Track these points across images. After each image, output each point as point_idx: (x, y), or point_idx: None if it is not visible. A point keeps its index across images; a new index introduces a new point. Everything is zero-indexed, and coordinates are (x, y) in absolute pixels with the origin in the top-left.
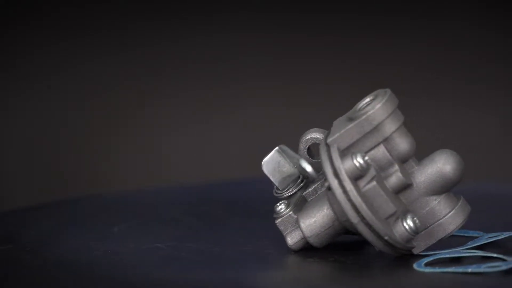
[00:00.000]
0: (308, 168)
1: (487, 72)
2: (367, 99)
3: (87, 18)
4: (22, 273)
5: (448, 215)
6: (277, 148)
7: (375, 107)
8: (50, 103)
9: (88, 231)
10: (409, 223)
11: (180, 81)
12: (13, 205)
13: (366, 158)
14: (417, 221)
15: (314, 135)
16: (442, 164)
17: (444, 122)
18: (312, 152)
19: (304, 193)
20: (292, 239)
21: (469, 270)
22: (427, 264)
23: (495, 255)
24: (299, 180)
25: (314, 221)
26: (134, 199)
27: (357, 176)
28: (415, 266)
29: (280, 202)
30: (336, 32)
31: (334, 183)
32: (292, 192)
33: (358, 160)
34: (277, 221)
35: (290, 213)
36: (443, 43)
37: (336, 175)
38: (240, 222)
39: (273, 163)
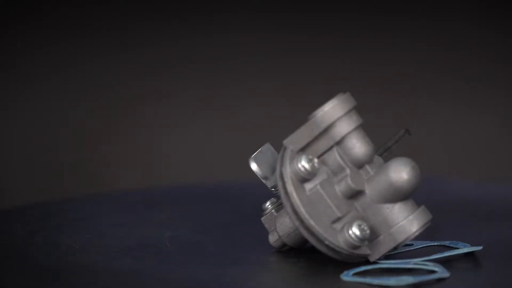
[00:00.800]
0: (253, 167)
1: (487, 72)
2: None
3: (87, 18)
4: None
5: (399, 225)
6: (267, 143)
7: (323, 110)
8: (50, 103)
9: (88, 230)
10: (354, 230)
11: (180, 81)
12: (13, 204)
13: (315, 161)
14: (365, 228)
15: None
16: (393, 173)
17: (444, 122)
18: None
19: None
20: (272, 237)
21: (375, 282)
22: (356, 274)
23: (429, 265)
24: None
25: (285, 221)
26: (134, 199)
27: (302, 179)
28: (342, 275)
29: (271, 199)
30: (336, 32)
31: (279, 184)
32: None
33: (303, 164)
34: (262, 218)
35: (273, 211)
36: (443, 43)
37: (281, 176)
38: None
39: (261, 158)
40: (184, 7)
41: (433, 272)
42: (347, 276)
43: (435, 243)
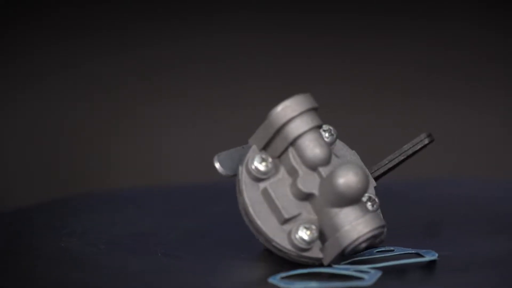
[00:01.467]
0: (216, 164)
1: (487, 72)
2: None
3: (87, 18)
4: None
5: (343, 230)
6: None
7: (276, 110)
8: (50, 103)
9: (88, 230)
10: (299, 232)
11: (180, 81)
12: (12, 204)
13: (269, 161)
14: (313, 232)
15: None
16: (336, 178)
17: (444, 122)
18: None
19: None
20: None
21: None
22: (285, 278)
23: (362, 270)
24: None
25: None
26: (134, 198)
27: (255, 178)
28: (270, 278)
29: None
30: (336, 32)
31: (236, 182)
32: None
33: (255, 163)
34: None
35: None
36: (443, 43)
37: (238, 174)
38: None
39: (228, 156)
40: (184, 7)
41: (359, 279)
42: (274, 279)
43: (413, 251)
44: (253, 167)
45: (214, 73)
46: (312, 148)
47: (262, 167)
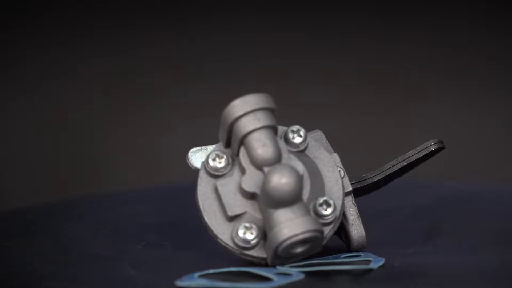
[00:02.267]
0: (187, 159)
1: (487, 72)
2: None
3: (88, 18)
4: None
5: (273, 231)
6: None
7: (226, 108)
8: (50, 103)
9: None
10: (239, 231)
11: (180, 81)
12: (12, 205)
13: (224, 158)
14: (252, 231)
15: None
16: (267, 180)
17: (444, 122)
18: None
19: None
20: None
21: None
22: (203, 276)
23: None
24: None
25: None
26: (133, 198)
27: (211, 174)
28: (185, 277)
29: None
30: (336, 32)
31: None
32: None
33: (208, 160)
34: None
35: None
36: (443, 43)
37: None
38: None
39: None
40: (184, 7)
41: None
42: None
43: (363, 258)
44: (207, 163)
45: (214, 73)
46: (257, 148)
47: (215, 163)
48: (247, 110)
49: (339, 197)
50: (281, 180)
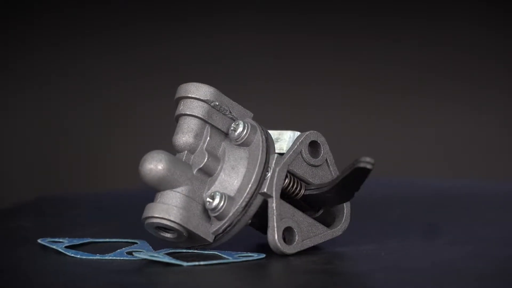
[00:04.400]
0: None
1: (487, 72)
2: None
3: (88, 18)
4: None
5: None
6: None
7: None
8: (50, 103)
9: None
10: None
11: (180, 81)
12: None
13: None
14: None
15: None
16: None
17: (444, 122)
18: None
19: None
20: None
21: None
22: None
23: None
24: None
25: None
26: (133, 198)
27: None
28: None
29: None
30: (336, 32)
31: None
32: None
33: None
34: None
35: None
36: (443, 43)
37: None
38: None
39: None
40: (184, 7)
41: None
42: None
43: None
44: None
45: (214, 73)
46: (175, 133)
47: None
48: (180, 96)
49: (245, 195)
50: (140, 168)
